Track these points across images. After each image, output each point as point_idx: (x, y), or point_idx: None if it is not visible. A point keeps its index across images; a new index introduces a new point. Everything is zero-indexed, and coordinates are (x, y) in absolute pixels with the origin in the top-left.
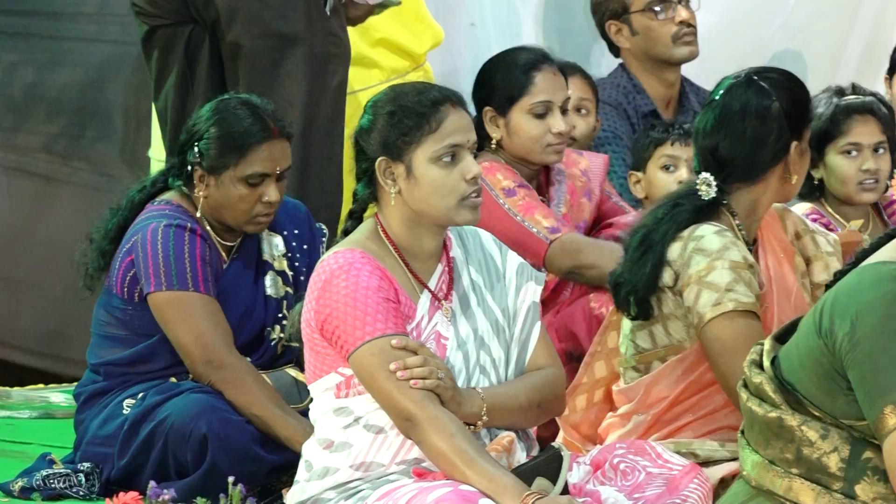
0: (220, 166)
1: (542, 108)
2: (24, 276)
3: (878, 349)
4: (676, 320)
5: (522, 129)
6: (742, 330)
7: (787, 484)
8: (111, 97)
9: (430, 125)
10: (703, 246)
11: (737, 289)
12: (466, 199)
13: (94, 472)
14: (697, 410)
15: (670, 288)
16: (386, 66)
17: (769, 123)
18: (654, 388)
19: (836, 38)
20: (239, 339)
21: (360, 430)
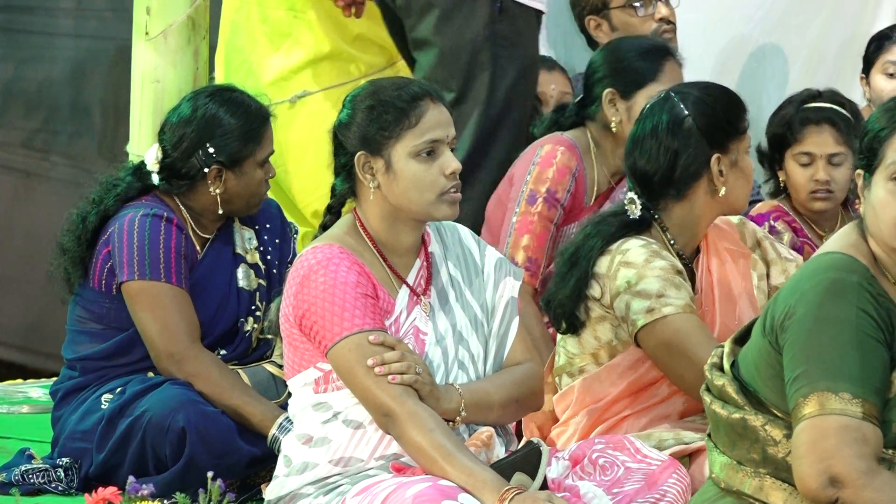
0: (244, 156)
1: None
2: (4, 270)
3: (802, 339)
4: (604, 322)
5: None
6: (683, 328)
7: (758, 483)
8: (90, 92)
9: (410, 120)
10: (629, 259)
11: (668, 293)
12: (445, 195)
13: (72, 467)
14: (637, 404)
15: (598, 300)
16: (363, 62)
17: (682, 139)
18: (593, 389)
19: (814, 34)
20: (214, 331)
21: (338, 425)
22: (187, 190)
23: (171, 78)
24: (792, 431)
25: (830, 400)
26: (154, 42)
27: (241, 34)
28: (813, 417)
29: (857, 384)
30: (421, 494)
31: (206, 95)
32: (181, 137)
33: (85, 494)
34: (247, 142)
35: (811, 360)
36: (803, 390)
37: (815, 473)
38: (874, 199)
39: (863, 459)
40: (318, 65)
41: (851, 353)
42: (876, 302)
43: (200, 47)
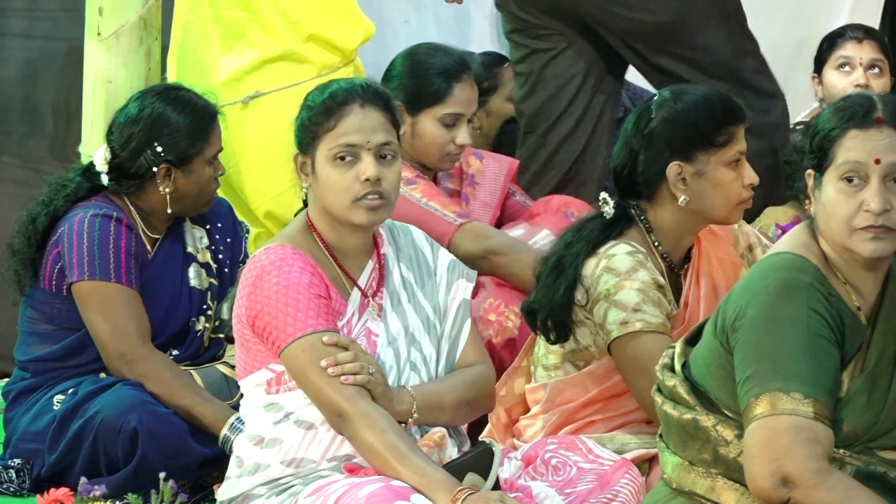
0: (192, 154)
1: (451, 119)
2: None
3: (754, 339)
4: (584, 328)
5: (427, 133)
6: (651, 349)
7: (710, 484)
8: (41, 93)
9: (330, 123)
10: (612, 265)
11: (645, 309)
12: (360, 201)
13: (24, 468)
14: (607, 412)
15: (582, 306)
16: (317, 62)
17: (643, 140)
18: (565, 392)
19: (772, 34)
20: (165, 331)
21: (290, 425)
22: (136, 189)
23: (124, 78)
24: (743, 432)
25: (782, 400)
26: (106, 42)
27: (194, 35)
28: (765, 417)
29: (808, 384)
30: (374, 495)
31: (153, 94)
32: (129, 137)
33: (37, 495)
34: (195, 140)
35: (763, 360)
36: (755, 390)
37: (766, 473)
38: (825, 199)
39: (815, 459)
40: (270, 65)
41: (803, 353)
42: (827, 302)
43: (153, 48)
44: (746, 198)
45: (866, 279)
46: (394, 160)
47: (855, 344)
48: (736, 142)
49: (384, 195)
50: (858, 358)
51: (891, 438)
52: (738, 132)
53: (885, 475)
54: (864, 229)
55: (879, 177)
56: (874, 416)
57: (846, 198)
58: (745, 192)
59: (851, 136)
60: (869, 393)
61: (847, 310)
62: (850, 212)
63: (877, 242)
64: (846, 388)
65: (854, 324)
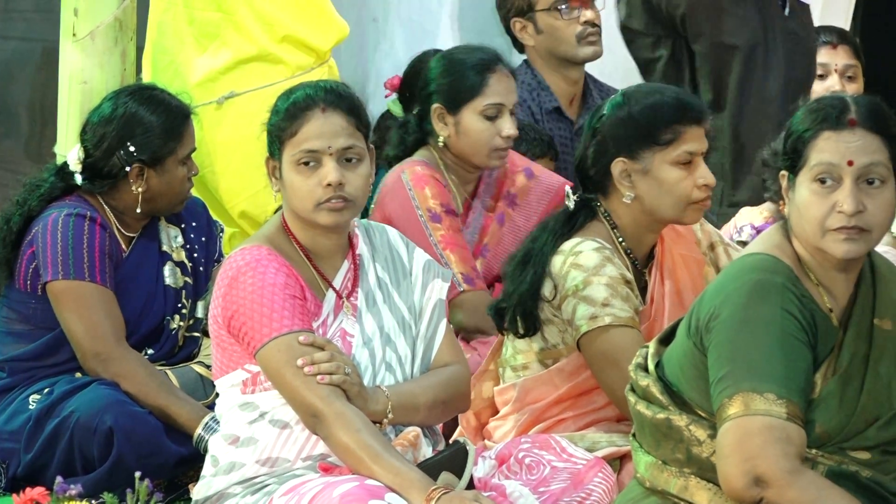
0: (165, 154)
1: (493, 111)
2: None
3: (728, 339)
4: (552, 326)
5: (473, 129)
6: (621, 342)
7: (683, 483)
8: (16, 94)
9: (293, 129)
10: (580, 261)
11: (613, 303)
12: (323, 204)
13: (0, 467)
14: (577, 409)
15: (549, 301)
16: (291, 63)
17: (593, 136)
18: (534, 391)
19: None
20: (140, 329)
21: (265, 425)
22: (110, 189)
23: (99, 79)
24: (716, 431)
25: (755, 400)
26: (81, 43)
27: (169, 35)
28: (738, 418)
29: (781, 385)
30: (348, 494)
31: (127, 94)
32: (102, 137)
33: (13, 495)
34: (167, 139)
35: (736, 360)
36: (728, 391)
37: (740, 473)
38: (798, 200)
39: (787, 459)
40: (245, 66)
41: (776, 353)
42: (800, 303)
43: (128, 48)
44: (699, 198)
45: (839, 281)
46: (359, 163)
47: (827, 345)
48: (684, 142)
49: (347, 198)
50: (831, 359)
51: (862, 439)
52: (690, 132)
53: (857, 474)
54: (838, 230)
55: (852, 178)
56: (846, 418)
57: (819, 199)
58: (699, 192)
59: (825, 137)
60: (841, 394)
61: (820, 311)
62: (823, 213)
63: (850, 244)
64: (819, 390)
65: (826, 325)
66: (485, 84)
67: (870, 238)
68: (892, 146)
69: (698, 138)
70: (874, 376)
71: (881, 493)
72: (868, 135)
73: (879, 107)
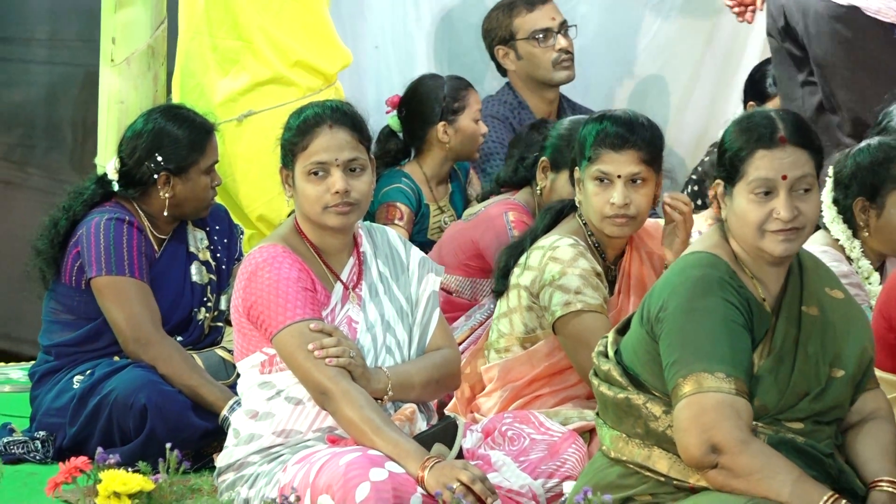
0: (188, 164)
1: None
2: None
3: (677, 328)
4: (529, 312)
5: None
6: (591, 326)
7: (646, 453)
8: (61, 112)
9: (303, 143)
10: (557, 255)
11: (585, 292)
12: (331, 208)
13: (48, 439)
14: (552, 386)
15: (527, 287)
16: (302, 85)
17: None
18: (514, 370)
19: (692, 60)
20: (171, 320)
21: (281, 401)
22: (142, 195)
23: (134, 99)
24: (670, 408)
25: (707, 379)
26: (118, 68)
27: (195, 61)
28: (692, 395)
29: (728, 365)
30: (353, 463)
31: (157, 112)
32: (134, 148)
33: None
34: (191, 151)
35: (686, 346)
36: (682, 372)
37: (698, 443)
38: (737, 207)
39: (739, 430)
40: (261, 88)
41: (721, 338)
42: (737, 293)
43: (159, 72)
44: (611, 214)
45: (771, 274)
46: (362, 172)
47: (762, 329)
48: (602, 162)
49: (352, 202)
50: (766, 341)
51: (796, 411)
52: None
53: (794, 440)
54: (776, 232)
55: (786, 189)
56: (781, 392)
57: (758, 206)
58: (609, 209)
59: (760, 155)
60: (776, 372)
61: (755, 300)
62: (761, 218)
63: (787, 243)
64: (756, 368)
65: (761, 312)
66: None
67: (802, 235)
68: (816, 157)
69: (621, 162)
70: (804, 356)
71: (815, 454)
72: (797, 150)
73: (802, 122)
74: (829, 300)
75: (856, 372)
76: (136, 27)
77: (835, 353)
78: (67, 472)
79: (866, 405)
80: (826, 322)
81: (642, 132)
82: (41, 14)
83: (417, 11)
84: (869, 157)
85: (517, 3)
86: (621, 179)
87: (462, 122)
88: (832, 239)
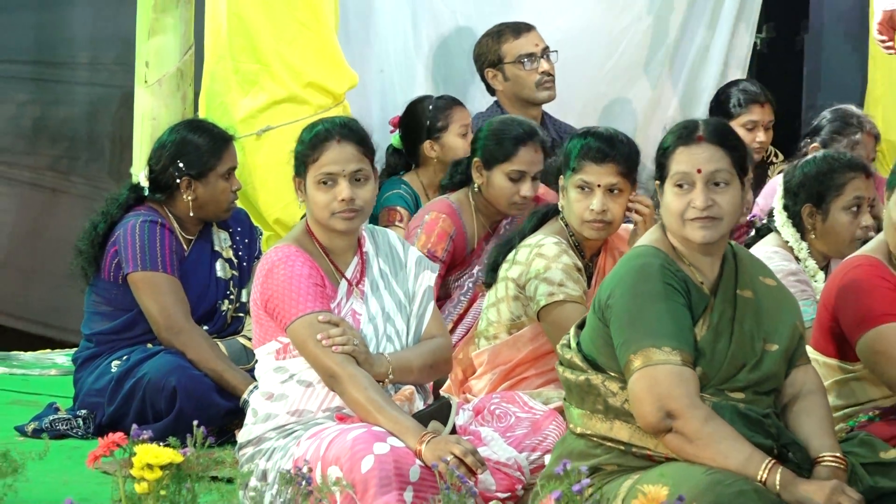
0: (207, 169)
1: (517, 175)
2: (35, 265)
3: (625, 311)
4: (516, 301)
5: (499, 186)
6: (571, 314)
7: (608, 425)
8: (101, 128)
9: (314, 155)
10: (542, 252)
11: (567, 284)
12: (336, 214)
13: (89, 417)
14: (536, 368)
15: (515, 279)
16: (314, 103)
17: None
18: (502, 354)
19: (655, 81)
20: (198, 311)
21: (294, 384)
22: (168, 198)
23: (164, 116)
24: (625, 384)
25: (656, 354)
26: (151, 88)
27: (219, 82)
28: (644, 368)
29: (674, 339)
30: (358, 438)
31: (181, 125)
32: (160, 157)
33: (99, 438)
34: (209, 157)
35: (634, 326)
36: (632, 349)
37: (653, 410)
38: (665, 200)
39: (688, 397)
40: (278, 106)
41: (665, 316)
42: (675, 277)
43: (187, 92)
44: (590, 219)
45: (705, 262)
46: (366, 182)
47: (700, 307)
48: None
49: (357, 209)
50: (705, 318)
51: (736, 381)
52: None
53: (735, 405)
54: (693, 220)
55: (702, 182)
56: (720, 363)
57: (678, 198)
58: (589, 214)
59: (680, 151)
60: (714, 345)
61: (693, 282)
62: (682, 208)
63: (705, 230)
64: (697, 342)
65: (699, 293)
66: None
67: (721, 224)
68: (733, 155)
69: (597, 173)
70: (740, 332)
71: (754, 416)
72: (712, 147)
73: (723, 125)
74: (762, 286)
75: (788, 346)
76: (167, 52)
77: (768, 330)
78: (106, 447)
79: (798, 378)
80: (759, 304)
81: (622, 148)
82: (83, 42)
83: (417, 39)
84: (815, 168)
85: (505, 31)
86: (601, 189)
87: (446, 138)
88: (783, 241)
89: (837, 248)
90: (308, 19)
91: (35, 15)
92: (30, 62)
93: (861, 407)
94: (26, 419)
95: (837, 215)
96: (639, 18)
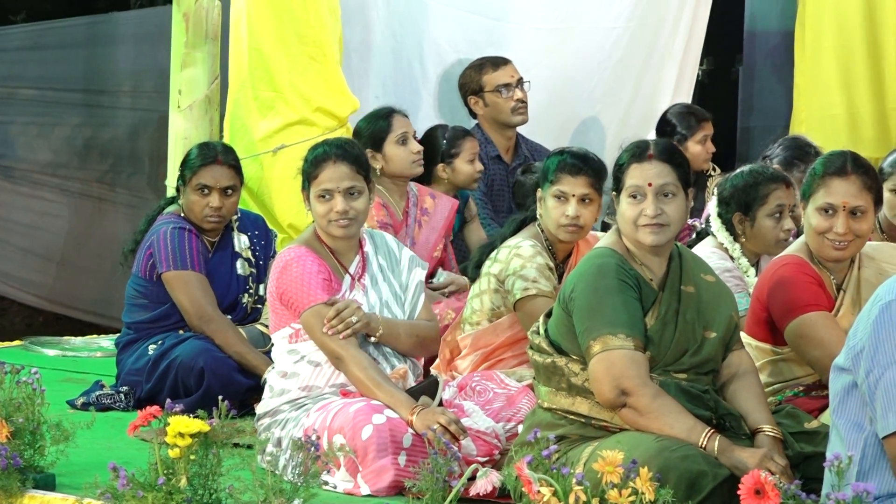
0: (185, 180)
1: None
2: (86, 263)
3: (585, 303)
4: (496, 294)
5: (398, 157)
6: (542, 307)
7: (571, 401)
8: (141, 147)
9: (314, 173)
10: (520, 252)
11: (540, 281)
12: (333, 223)
13: (130, 393)
14: (512, 351)
15: (496, 275)
16: (321, 125)
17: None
18: (483, 338)
19: (622, 107)
20: (223, 303)
21: (305, 364)
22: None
23: (195, 137)
24: (586, 366)
25: (612, 340)
26: (183, 112)
27: (241, 107)
28: (603, 352)
29: (627, 327)
30: (359, 410)
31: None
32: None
33: (138, 411)
34: (187, 169)
35: (594, 315)
36: (592, 335)
37: (610, 388)
38: (620, 209)
39: (640, 377)
40: (291, 127)
41: (620, 308)
42: (629, 275)
43: (214, 116)
44: (565, 224)
45: (654, 262)
46: (360, 195)
47: (650, 300)
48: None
49: (351, 218)
50: (654, 310)
51: (679, 364)
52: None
53: (678, 382)
54: (645, 226)
55: (653, 193)
56: (665, 349)
57: (632, 208)
58: (564, 220)
59: (633, 167)
60: (661, 333)
61: (643, 279)
62: (635, 215)
63: (654, 235)
64: (647, 330)
65: (648, 288)
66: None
67: (668, 230)
68: (679, 171)
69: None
70: (683, 322)
71: (695, 392)
72: (661, 164)
73: (671, 145)
74: (702, 282)
75: (725, 334)
76: (197, 82)
77: (707, 320)
78: (144, 418)
79: (734, 360)
80: (700, 297)
81: (593, 164)
82: (126, 73)
83: (424, 73)
84: (743, 180)
85: (485, 63)
86: (575, 198)
87: (457, 163)
88: (719, 243)
89: (765, 248)
90: (317, 54)
91: (86, 51)
92: (82, 90)
93: (787, 383)
94: (76, 394)
95: (763, 221)
96: (609, 57)
